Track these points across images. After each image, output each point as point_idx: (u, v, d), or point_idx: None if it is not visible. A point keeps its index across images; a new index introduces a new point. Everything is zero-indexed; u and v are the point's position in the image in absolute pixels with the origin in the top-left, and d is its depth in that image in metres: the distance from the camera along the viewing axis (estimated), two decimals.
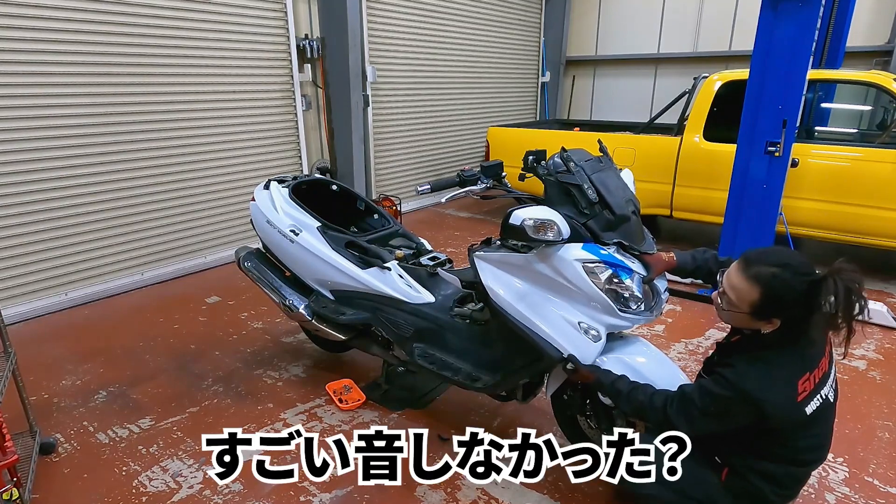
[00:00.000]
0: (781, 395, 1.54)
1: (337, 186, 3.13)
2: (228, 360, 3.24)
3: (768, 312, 1.56)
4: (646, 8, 7.94)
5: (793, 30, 3.24)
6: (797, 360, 1.58)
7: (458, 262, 2.95)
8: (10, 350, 2.27)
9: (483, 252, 2.11)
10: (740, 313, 1.60)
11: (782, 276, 1.51)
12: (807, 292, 1.48)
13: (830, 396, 1.68)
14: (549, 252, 1.88)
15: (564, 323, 1.92)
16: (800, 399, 1.56)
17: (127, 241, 4.29)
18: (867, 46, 6.40)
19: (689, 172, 4.74)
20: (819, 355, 1.63)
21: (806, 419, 1.59)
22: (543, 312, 1.95)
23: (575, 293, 1.90)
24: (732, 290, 1.60)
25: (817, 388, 1.61)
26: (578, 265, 1.85)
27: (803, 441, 1.65)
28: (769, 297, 1.53)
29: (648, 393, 1.75)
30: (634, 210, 2.03)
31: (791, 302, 1.51)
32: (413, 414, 2.72)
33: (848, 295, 1.44)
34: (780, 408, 1.54)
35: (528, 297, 1.99)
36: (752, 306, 1.56)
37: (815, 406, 1.60)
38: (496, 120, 7.83)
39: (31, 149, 3.70)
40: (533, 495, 2.18)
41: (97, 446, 2.49)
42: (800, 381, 1.56)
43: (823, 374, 1.64)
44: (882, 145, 4.06)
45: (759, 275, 1.53)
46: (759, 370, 1.56)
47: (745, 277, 1.56)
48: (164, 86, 4.28)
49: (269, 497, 2.17)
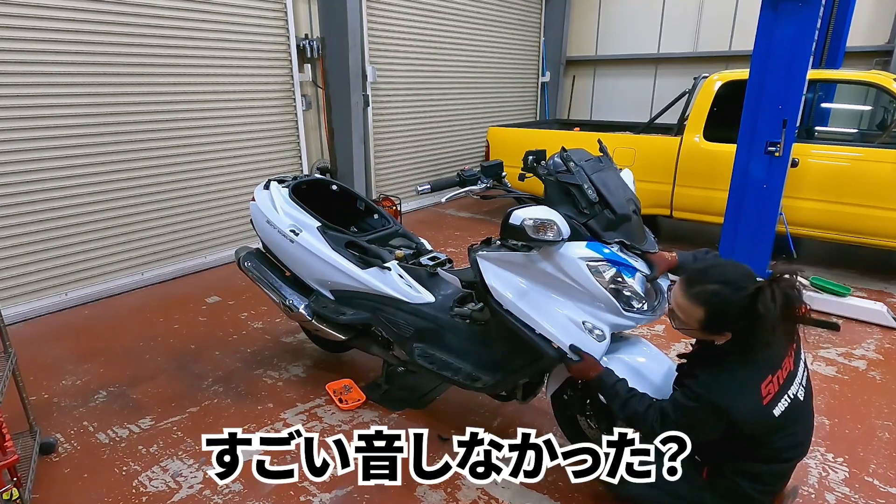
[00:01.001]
0: (746, 400, 1.58)
1: (337, 186, 3.13)
2: (228, 360, 3.24)
3: (716, 328, 1.62)
4: (646, 8, 7.94)
5: (793, 30, 3.24)
6: (757, 365, 1.62)
7: (458, 262, 2.95)
8: (10, 350, 2.27)
9: (485, 251, 2.10)
10: (691, 329, 1.67)
11: (722, 293, 1.57)
12: (748, 306, 1.53)
13: (800, 395, 1.70)
14: (553, 250, 1.87)
15: (569, 322, 1.91)
16: (766, 402, 1.59)
17: (127, 241, 4.29)
18: (867, 46, 6.40)
19: (689, 172, 4.74)
20: (781, 356, 1.66)
21: (776, 421, 1.61)
22: (547, 312, 1.94)
23: (579, 292, 1.89)
24: (679, 309, 1.67)
25: (783, 388, 1.64)
26: (583, 263, 1.85)
27: (780, 442, 1.67)
28: (713, 314, 1.59)
29: (645, 404, 1.76)
30: (635, 209, 2.03)
31: (735, 316, 1.57)
32: (413, 414, 2.72)
33: (787, 301, 1.50)
34: (747, 413, 1.57)
35: (531, 297, 1.98)
36: (700, 323, 1.62)
37: (783, 407, 1.63)
38: (496, 120, 7.83)
39: (31, 149, 3.70)
40: (533, 495, 2.18)
41: (97, 446, 2.49)
42: (763, 385, 1.59)
43: (789, 374, 1.67)
44: (882, 145, 4.06)
45: (700, 294, 1.60)
46: (721, 379, 1.62)
47: (687, 298, 1.63)
48: (164, 86, 4.28)
49: (269, 497, 2.17)
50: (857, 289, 4.16)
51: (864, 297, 3.97)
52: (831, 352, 3.30)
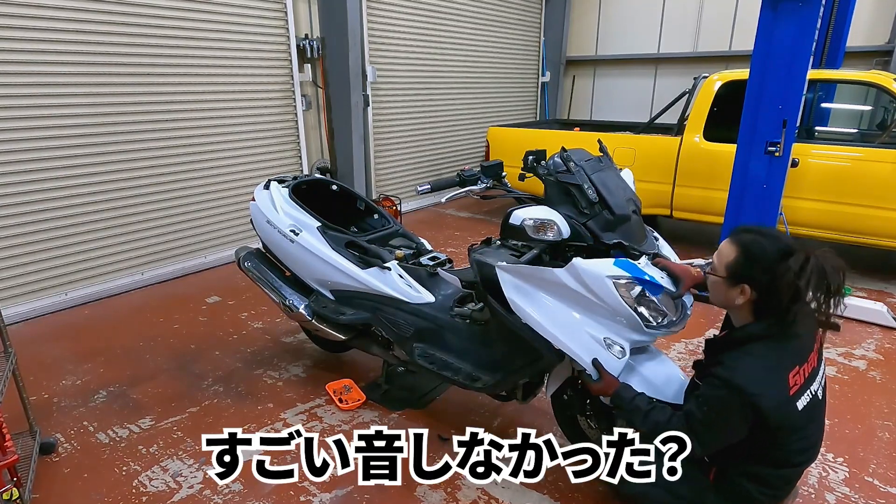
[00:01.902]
0: (773, 388, 1.55)
1: (337, 186, 3.13)
2: (228, 360, 3.24)
3: (742, 273, 1.62)
4: (646, 8, 7.94)
5: (793, 30, 3.24)
6: (785, 353, 1.60)
7: (458, 262, 2.95)
8: (10, 350, 2.27)
9: (505, 263, 2.02)
10: (718, 280, 1.67)
11: (760, 241, 1.61)
12: (778, 259, 1.54)
13: (819, 394, 1.68)
14: (580, 267, 1.83)
15: (590, 338, 1.88)
16: (791, 393, 1.57)
17: (127, 241, 4.29)
18: (867, 46, 6.40)
19: (689, 172, 4.74)
20: (807, 350, 1.65)
21: (798, 415, 1.59)
22: (567, 326, 1.91)
23: (601, 308, 1.86)
24: (717, 256, 1.70)
25: (807, 383, 1.62)
26: (609, 282, 1.80)
27: (795, 444, 1.65)
28: (744, 258, 1.61)
29: (667, 414, 1.72)
30: (635, 209, 2.03)
31: (762, 266, 1.57)
32: (413, 414, 2.72)
33: (820, 272, 1.50)
34: (773, 401, 1.54)
35: (551, 311, 1.93)
36: (728, 268, 1.64)
37: (805, 402, 1.61)
38: (496, 120, 7.83)
39: (32, 149, 3.70)
40: (533, 495, 2.18)
41: (97, 446, 2.49)
42: (790, 375, 1.57)
43: (812, 370, 1.65)
44: (882, 145, 4.06)
45: (741, 239, 1.65)
46: (748, 364, 1.58)
47: (730, 241, 1.67)
48: (165, 85, 4.28)
49: (269, 497, 2.17)
50: (857, 289, 4.17)
51: (864, 297, 3.97)
52: (831, 352, 3.30)
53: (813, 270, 1.49)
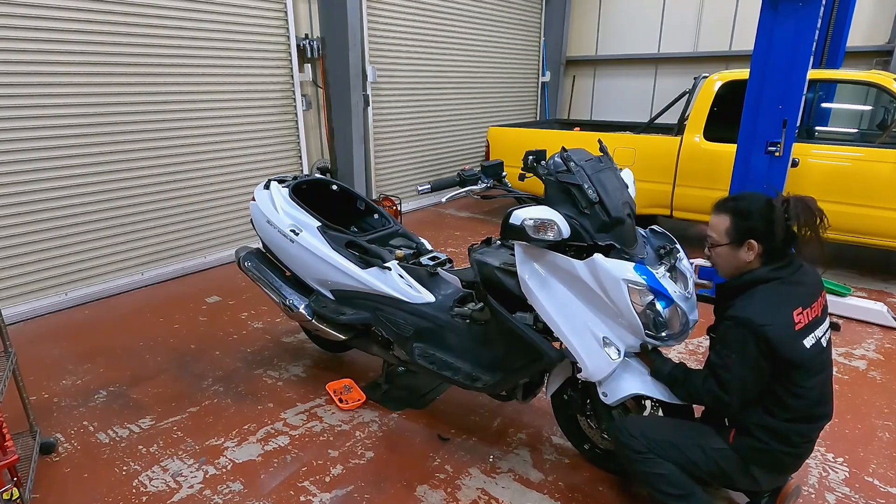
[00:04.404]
0: (779, 319, 1.66)
1: (337, 186, 3.13)
2: (228, 360, 3.24)
3: (741, 233, 1.78)
4: (646, 8, 7.95)
5: (793, 30, 3.24)
6: (789, 293, 1.73)
7: (458, 262, 2.95)
8: (10, 350, 2.27)
9: (527, 245, 1.99)
10: (723, 247, 1.82)
11: (743, 201, 1.82)
12: (766, 206, 1.76)
13: (824, 342, 1.77)
14: (599, 264, 1.84)
15: (589, 335, 1.91)
16: (797, 328, 1.68)
17: (127, 241, 4.29)
18: (867, 46, 6.40)
19: (689, 172, 4.74)
20: (811, 296, 1.76)
21: (808, 353, 1.68)
22: (572, 318, 1.93)
23: (608, 308, 1.88)
24: (712, 230, 1.85)
25: (811, 326, 1.72)
26: (624, 285, 1.82)
27: (813, 392, 1.70)
28: (738, 217, 1.78)
29: (700, 377, 1.80)
30: (629, 213, 2.03)
31: (756, 216, 1.76)
32: (413, 414, 2.72)
33: (804, 207, 1.74)
34: (780, 331, 1.64)
35: (559, 300, 1.95)
36: (728, 233, 1.80)
37: (811, 342, 1.70)
38: (496, 120, 7.84)
39: (31, 149, 3.70)
40: (533, 495, 2.18)
41: (97, 446, 2.50)
42: (794, 313, 1.69)
43: (816, 317, 1.76)
44: (882, 145, 4.06)
45: (727, 206, 1.83)
46: (755, 300, 1.72)
47: (717, 213, 1.85)
48: (165, 86, 4.28)
49: (269, 497, 2.17)
50: (857, 289, 4.17)
51: (864, 297, 3.97)
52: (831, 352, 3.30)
53: (797, 207, 1.72)
